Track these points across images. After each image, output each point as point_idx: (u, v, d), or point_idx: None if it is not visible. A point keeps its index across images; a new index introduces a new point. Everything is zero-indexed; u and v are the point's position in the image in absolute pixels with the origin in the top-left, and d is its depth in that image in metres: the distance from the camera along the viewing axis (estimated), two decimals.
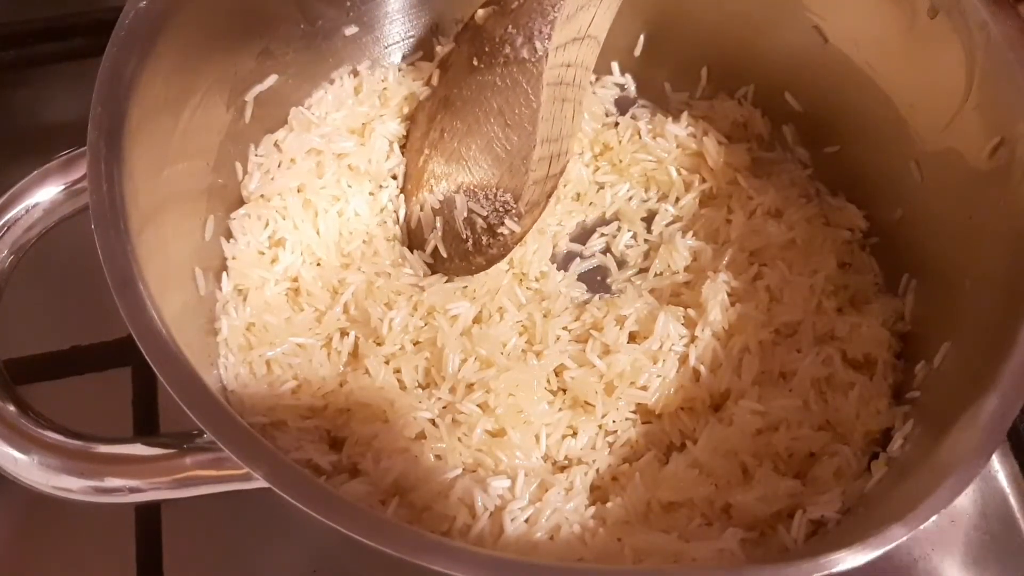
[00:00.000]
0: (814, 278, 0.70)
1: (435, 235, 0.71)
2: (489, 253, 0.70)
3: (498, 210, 0.69)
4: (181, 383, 0.47)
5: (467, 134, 0.70)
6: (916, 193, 0.68)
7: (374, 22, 0.77)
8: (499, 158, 0.68)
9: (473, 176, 0.69)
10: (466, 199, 0.70)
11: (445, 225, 0.71)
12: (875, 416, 0.63)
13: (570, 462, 0.64)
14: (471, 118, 0.69)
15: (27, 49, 0.84)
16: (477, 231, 0.70)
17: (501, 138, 0.68)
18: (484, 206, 0.69)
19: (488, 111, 0.68)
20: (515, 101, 0.67)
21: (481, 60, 0.68)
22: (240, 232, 0.67)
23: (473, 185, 0.70)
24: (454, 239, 0.71)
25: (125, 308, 0.48)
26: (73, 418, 0.50)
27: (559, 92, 0.67)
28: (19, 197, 0.53)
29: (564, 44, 0.65)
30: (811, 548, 0.56)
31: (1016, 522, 0.69)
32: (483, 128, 0.69)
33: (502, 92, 0.67)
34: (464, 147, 0.70)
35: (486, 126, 0.68)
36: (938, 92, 0.64)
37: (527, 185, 0.67)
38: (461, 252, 0.71)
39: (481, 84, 0.69)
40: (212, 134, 0.65)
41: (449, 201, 0.71)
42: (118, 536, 0.64)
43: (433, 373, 0.65)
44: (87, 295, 0.58)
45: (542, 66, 0.65)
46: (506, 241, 0.69)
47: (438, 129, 0.72)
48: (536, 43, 0.64)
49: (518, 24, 0.65)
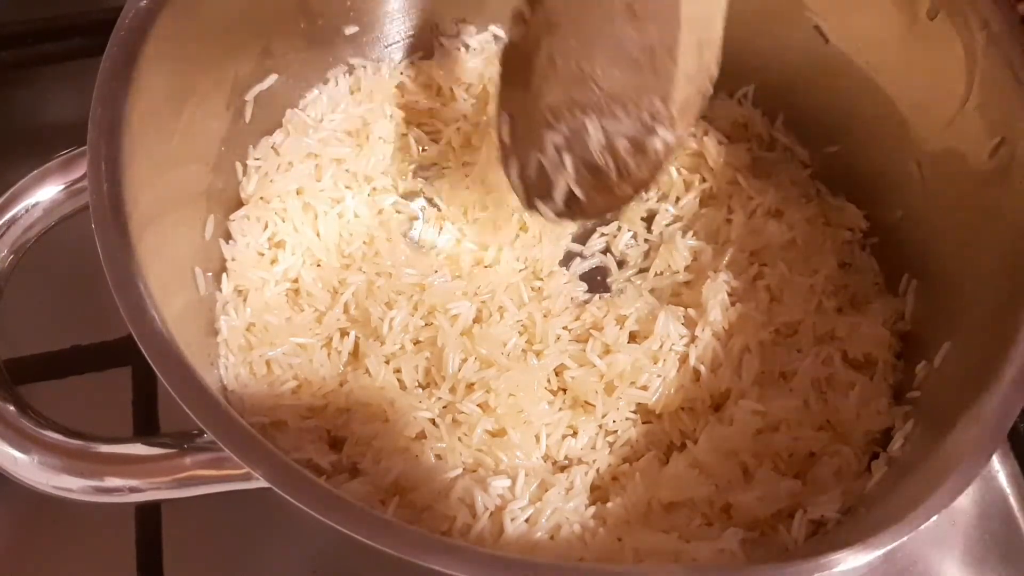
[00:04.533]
0: (814, 278, 0.70)
1: (565, 175, 0.62)
2: (638, 177, 0.61)
3: (644, 121, 0.59)
4: (181, 383, 0.47)
5: (587, 47, 0.60)
6: (916, 193, 0.68)
7: (374, 22, 0.77)
8: (635, 61, 0.58)
9: (604, 92, 0.59)
10: (599, 121, 0.60)
11: (577, 161, 0.62)
12: (875, 416, 0.63)
13: (570, 462, 0.64)
14: (588, 29, 0.60)
15: (27, 49, 0.84)
16: (620, 154, 0.60)
17: (633, 37, 0.57)
18: (625, 121, 0.59)
19: (610, 12, 0.58)
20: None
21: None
22: (239, 234, 0.67)
23: (606, 102, 0.60)
24: (591, 173, 0.62)
25: (125, 308, 0.48)
26: (73, 418, 0.50)
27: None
28: (19, 197, 0.53)
29: None
30: (811, 548, 0.57)
31: (1016, 522, 0.69)
32: (607, 33, 0.59)
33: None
34: (586, 63, 0.60)
35: (609, 29, 0.59)
36: (938, 92, 0.64)
37: (677, 82, 0.58)
38: (601, 185, 0.62)
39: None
40: (212, 134, 0.65)
41: (577, 131, 0.61)
42: (118, 536, 0.64)
43: (433, 373, 0.65)
44: (87, 295, 0.58)
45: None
46: (659, 157, 0.60)
47: (544, 58, 0.62)
48: None
49: None
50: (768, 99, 0.78)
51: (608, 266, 0.75)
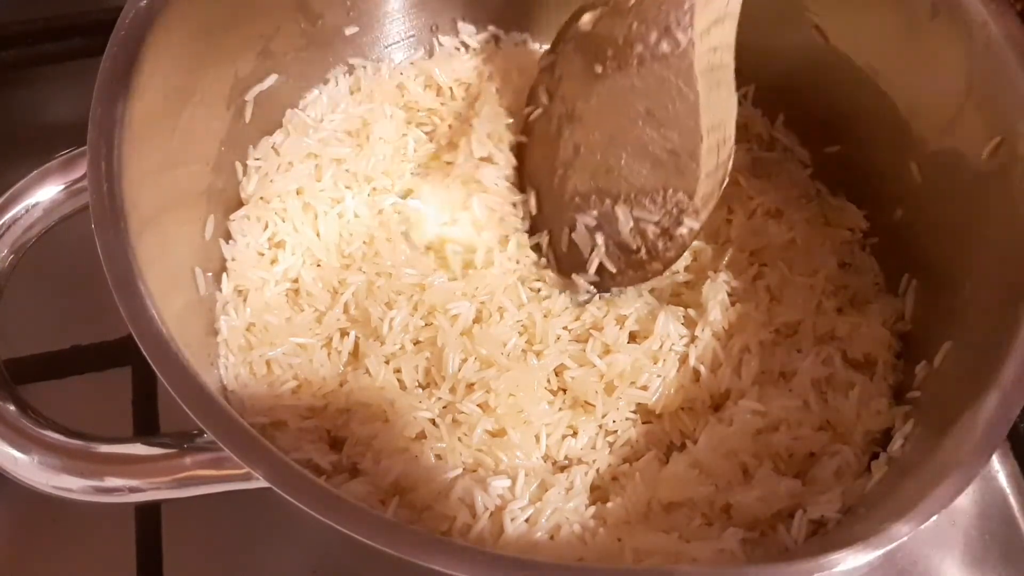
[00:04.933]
0: (814, 278, 0.70)
1: (598, 252, 0.68)
2: (667, 256, 0.67)
3: (671, 212, 0.65)
4: (181, 383, 0.47)
5: (611, 144, 0.66)
6: (916, 193, 0.68)
7: (374, 22, 0.77)
8: (659, 161, 0.64)
9: (631, 184, 0.65)
10: (628, 209, 0.66)
11: (608, 240, 0.68)
12: (875, 416, 0.63)
13: (570, 462, 0.64)
14: (610, 128, 0.65)
15: (27, 49, 0.84)
16: (649, 238, 0.66)
17: (657, 139, 0.63)
18: (653, 211, 0.65)
19: (633, 116, 0.64)
20: (665, 98, 0.62)
21: (605, 65, 0.64)
22: (239, 234, 0.67)
23: (634, 193, 0.66)
24: (622, 252, 0.68)
25: (125, 308, 0.48)
26: (73, 418, 0.50)
27: (712, 77, 0.62)
28: (19, 197, 0.53)
29: (707, 28, 0.60)
30: (811, 548, 0.56)
31: (1016, 522, 0.69)
32: (631, 135, 0.64)
33: (646, 93, 0.63)
34: (611, 157, 0.66)
35: (634, 132, 0.64)
36: (938, 92, 0.64)
37: (700, 180, 0.63)
38: (633, 263, 0.68)
39: (614, 90, 0.64)
40: (212, 134, 0.65)
41: (607, 215, 0.67)
42: (118, 536, 0.64)
43: (433, 373, 0.65)
44: (87, 295, 0.58)
45: (691, 56, 0.60)
46: (684, 240, 0.66)
47: (569, 146, 0.68)
48: (677, 34, 0.59)
49: (646, 19, 0.61)
50: (768, 99, 0.78)
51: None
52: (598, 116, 0.66)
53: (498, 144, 0.73)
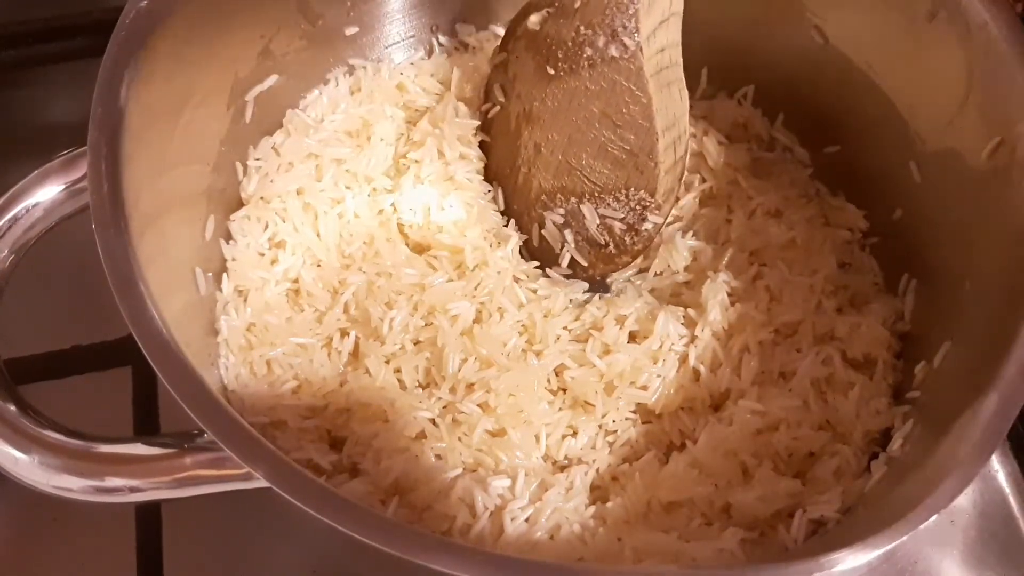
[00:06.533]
0: (814, 278, 0.70)
1: (568, 248, 0.70)
2: (634, 250, 0.69)
3: (634, 209, 0.66)
4: (181, 383, 0.47)
5: (570, 144, 0.66)
6: (916, 193, 0.68)
7: (374, 22, 0.77)
8: (619, 160, 0.65)
9: (594, 184, 0.67)
10: (594, 207, 0.67)
11: (577, 236, 0.69)
12: (875, 416, 0.63)
13: (570, 462, 0.64)
14: (568, 128, 0.66)
15: (27, 49, 0.84)
16: (616, 233, 0.68)
17: (615, 140, 0.64)
18: (617, 208, 0.67)
19: (588, 117, 0.64)
20: (619, 101, 0.62)
21: (557, 67, 0.64)
22: (240, 234, 0.67)
23: (597, 192, 0.67)
24: (591, 247, 0.69)
25: (126, 308, 0.48)
26: (73, 418, 0.50)
27: (662, 78, 0.63)
28: (19, 197, 0.53)
29: (653, 31, 0.60)
30: (811, 548, 0.57)
31: (1016, 522, 0.69)
32: (588, 135, 0.65)
33: (599, 95, 0.63)
34: (572, 158, 0.67)
35: (591, 132, 0.65)
36: (938, 92, 0.64)
37: (660, 177, 0.64)
38: (603, 256, 0.70)
39: (568, 91, 0.64)
40: (212, 134, 0.65)
41: (573, 212, 0.69)
42: (118, 536, 0.64)
43: (433, 373, 0.65)
44: (87, 295, 0.58)
45: (639, 60, 0.60)
46: (650, 234, 0.68)
47: (530, 145, 0.69)
48: (624, 39, 0.60)
49: (591, 23, 0.61)
50: (768, 99, 0.78)
51: None
52: (554, 117, 0.66)
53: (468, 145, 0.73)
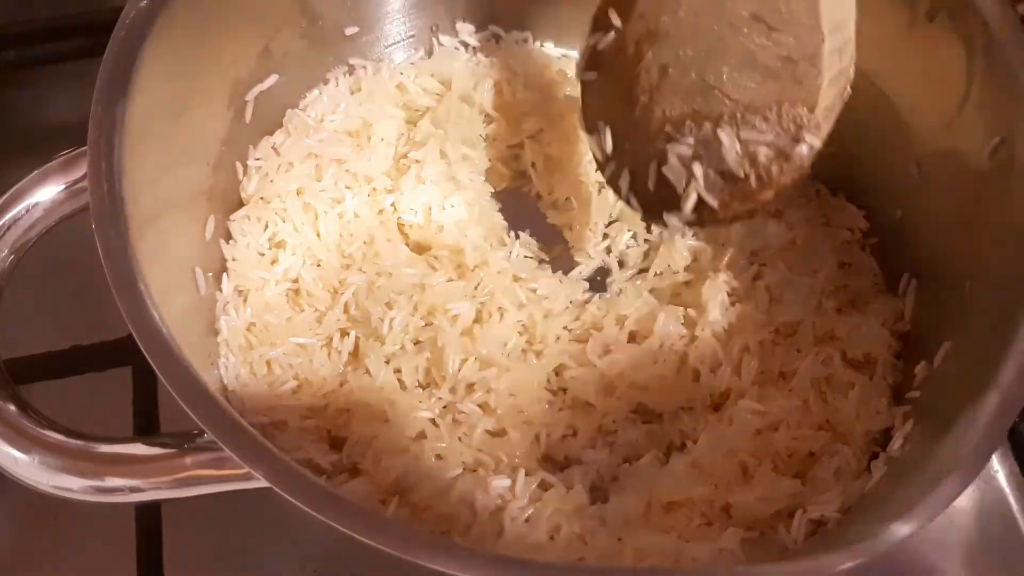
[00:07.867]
0: (814, 278, 0.70)
1: (695, 185, 0.61)
2: (781, 182, 0.59)
3: (787, 129, 0.58)
4: (181, 383, 0.47)
5: (709, 58, 0.59)
6: (916, 193, 0.68)
7: (374, 22, 0.77)
8: (771, 70, 0.57)
9: (737, 102, 0.59)
10: (734, 131, 0.59)
11: (708, 170, 0.61)
12: (875, 416, 0.63)
13: (570, 462, 0.64)
14: (708, 40, 0.59)
15: (27, 49, 0.84)
16: (761, 161, 0.59)
17: (768, 46, 0.57)
18: (766, 130, 0.58)
19: (735, 23, 0.57)
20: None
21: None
22: (240, 234, 0.67)
23: (740, 112, 0.59)
24: (726, 182, 0.61)
25: (126, 308, 0.48)
26: (73, 418, 0.50)
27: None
28: (19, 197, 0.53)
29: None
30: (811, 548, 0.57)
31: (1016, 522, 0.69)
32: (733, 44, 0.58)
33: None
34: (710, 74, 0.59)
35: (737, 40, 0.58)
36: (938, 92, 0.64)
37: (822, 89, 0.57)
38: (740, 193, 0.61)
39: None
40: (212, 134, 0.65)
41: (706, 141, 0.60)
42: (118, 536, 0.64)
43: (433, 373, 0.65)
44: (87, 295, 0.58)
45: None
46: (803, 161, 0.59)
47: (653, 68, 0.61)
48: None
49: None
50: None
51: (608, 266, 0.75)
52: (690, 29, 0.60)
53: (471, 146, 0.73)
